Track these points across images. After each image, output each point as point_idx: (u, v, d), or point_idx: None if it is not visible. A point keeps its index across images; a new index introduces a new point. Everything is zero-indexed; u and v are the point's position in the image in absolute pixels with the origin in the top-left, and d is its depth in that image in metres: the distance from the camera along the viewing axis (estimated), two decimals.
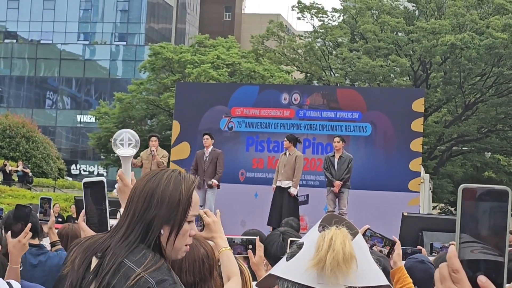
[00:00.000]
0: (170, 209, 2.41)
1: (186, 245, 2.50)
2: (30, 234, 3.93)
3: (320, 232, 1.71)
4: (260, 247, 3.82)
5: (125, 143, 3.16)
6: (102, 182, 2.84)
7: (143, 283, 2.27)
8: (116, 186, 3.01)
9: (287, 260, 1.73)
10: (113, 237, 2.39)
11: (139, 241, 2.37)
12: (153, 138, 14.32)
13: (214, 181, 14.15)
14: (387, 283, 1.74)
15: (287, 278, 1.69)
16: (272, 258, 4.23)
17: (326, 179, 14.07)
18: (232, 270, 3.23)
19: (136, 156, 11.76)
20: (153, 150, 14.09)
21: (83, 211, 2.84)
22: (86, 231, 2.79)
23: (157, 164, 14.31)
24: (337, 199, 13.85)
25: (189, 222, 2.46)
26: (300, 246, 1.72)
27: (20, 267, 4.88)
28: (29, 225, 3.97)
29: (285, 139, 13.96)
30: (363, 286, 1.67)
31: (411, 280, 3.98)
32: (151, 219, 2.39)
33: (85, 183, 2.85)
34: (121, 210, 2.73)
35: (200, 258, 3.25)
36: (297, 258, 1.70)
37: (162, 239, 2.41)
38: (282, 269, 1.72)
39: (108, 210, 2.84)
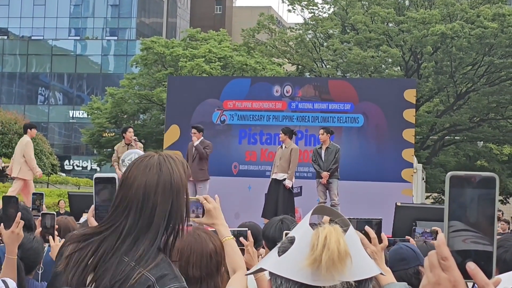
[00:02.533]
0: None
1: None
2: (22, 222, 3.91)
3: (312, 228, 1.70)
4: (250, 243, 3.83)
5: None
6: (113, 178, 2.83)
7: (143, 281, 2.27)
8: None
9: (278, 255, 1.71)
10: (109, 236, 2.35)
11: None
12: (130, 129, 14.71)
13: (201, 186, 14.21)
14: (380, 271, 1.74)
15: (281, 275, 1.68)
16: (270, 240, 4.33)
17: (316, 171, 14.12)
18: (237, 262, 3.23)
19: (112, 152, 11.76)
20: (135, 139, 14.49)
21: (93, 206, 2.83)
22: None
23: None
24: (327, 190, 13.87)
25: None
26: (291, 241, 1.70)
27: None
28: (19, 214, 3.96)
29: (281, 132, 13.96)
30: (358, 280, 1.67)
31: None
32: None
33: (96, 178, 2.84)
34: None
35: (208, 253, 3.26)
36: (289, 254, 1.68)
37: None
38: (274, 264, 1.70)
39: None
